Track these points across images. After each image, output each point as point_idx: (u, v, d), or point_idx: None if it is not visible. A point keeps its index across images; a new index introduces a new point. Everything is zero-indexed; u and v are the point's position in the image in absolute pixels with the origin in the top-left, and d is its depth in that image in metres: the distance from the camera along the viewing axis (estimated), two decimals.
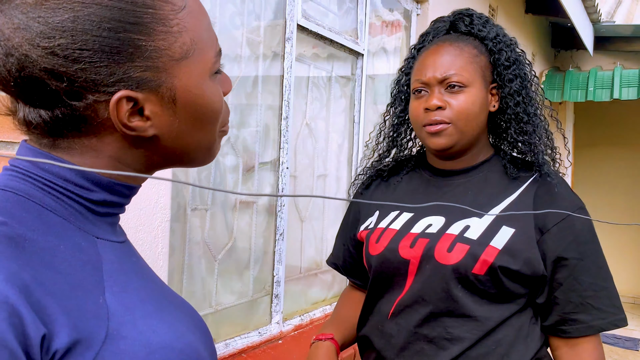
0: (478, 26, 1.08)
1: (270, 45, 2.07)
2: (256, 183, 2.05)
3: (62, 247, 0.47)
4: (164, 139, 0.53)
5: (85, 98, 0.48)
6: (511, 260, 0.97)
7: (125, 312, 0.48)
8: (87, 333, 0.44)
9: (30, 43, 0.46)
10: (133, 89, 0.49)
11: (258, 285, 2.09)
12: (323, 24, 2.31)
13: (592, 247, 1.01)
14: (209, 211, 1.86)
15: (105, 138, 0.51)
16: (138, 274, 0.55)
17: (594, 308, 0.98)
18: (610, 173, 6.95)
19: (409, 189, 1.14)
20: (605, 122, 6.91)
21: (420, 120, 1.05)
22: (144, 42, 0.49)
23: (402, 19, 3.03)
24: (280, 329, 2.14)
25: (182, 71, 0.52)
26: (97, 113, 0.49)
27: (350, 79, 2.65)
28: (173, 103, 0.52)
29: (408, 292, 1.03)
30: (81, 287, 0.46)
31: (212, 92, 0.55)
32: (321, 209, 2.53)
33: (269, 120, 2.09)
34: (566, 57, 6.13)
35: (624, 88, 5.05)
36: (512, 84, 1.05)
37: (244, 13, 1.95)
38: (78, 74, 0.47)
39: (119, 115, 0.49)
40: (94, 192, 0.52)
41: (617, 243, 6.90)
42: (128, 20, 0.48)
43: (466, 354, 0.98)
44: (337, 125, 2.60)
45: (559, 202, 1.01)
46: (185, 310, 0.58)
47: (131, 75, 0.49)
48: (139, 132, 0.51)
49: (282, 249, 2.15)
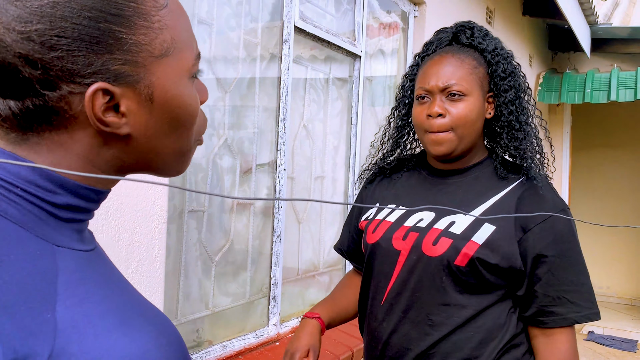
0: (478, 39, 1.17)
1: (267, 47, 2.07)
2: (253, 185, 2.05)
3: (13, 256, 0.43)
4: (138, 139, 0.51)
5: (60, 88, 0.46)
6: (490, 254, 1.05)
7: (78, 327, 0.44)
8: (26, 352, 0.40)
9: (5, 27, 0.44)
10: (110, 82, 0.47)
11: (255, 287, 2.09)
12: (320, 25, 2.31)
13: (571, 246, 1.09)
14: (206, 213, 1.85)
15: (76, 134, 0.49)
16: (104, 284, 0.50)
17: (570, 302, 1.07)
18: (607, 175, 6.96)
19: (407, 185, 1.24)
20: (603, 124, 6.93)
21: (423, 125, 1.14)
22: (124, 34, 0.47)
23: (399, 20, 3.03)
24: (277, 331, 2.14)
25: (161, 69, 0.51)
26: (71, 105, 0.47)
27: (348, 80, 2.65)
28: (150, 101, 0.50)
29: (397, 280, 1.14)
30: (26, 302, 0.42)
31: (189, 94, 0.54)
32: (318, 211, 2.53)
33: (266, 122, 2.08)
34: (563, 59, 6.15)
35: (621, 90, 5.06)
36: (507, 94, 1.15)
37: (241, 15, 1.95)
38: (54, 62, 0.45)
39: (94, 108, 0.47)
40: (58, 194, 0.49)
41: (612, 245, 6.91)
42: (109, 10, 0.46)
43: (447, 338, 1.08)
44: (335, 127, 2.60)
45: (543, 204, 1.09)
46: (156, 324, 0.53)
47: (109, 68, 0.47)
48: (113, 128, 0.49)
49: (279, 250, 2.14)
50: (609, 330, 5.71)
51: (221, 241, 1.92)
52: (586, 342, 5.44)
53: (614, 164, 6.92)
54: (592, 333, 5.67)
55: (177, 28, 0.52)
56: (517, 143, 1.15)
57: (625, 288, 6.93)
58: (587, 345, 5.31)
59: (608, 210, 6.83)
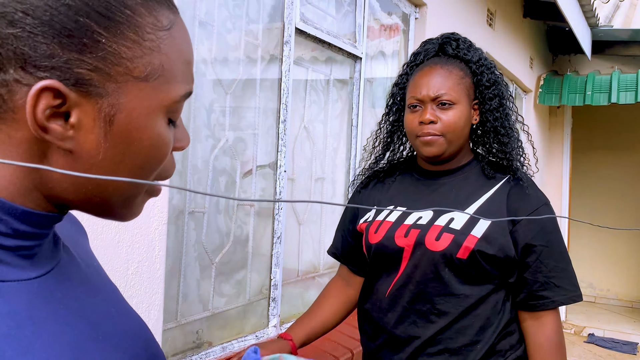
0: (463, 50, 1.27)
1: (268, 48, 2.07)
2: (254, 186, 2.05)
3: None
4: (81, 161, 0.43)
5: (6, 72, 0.39)
6: (488, 246, 1.16)
7: None
8: None
9: None
10: (67, 85, 0.40)
11: (255, 289, 2.09)
12: (321, 27, 2.31)
13: (555, 236, 1.22)
14: (206, 214, 1.85)
15: (15, 134, 0.41)
16: (59, 312, 0.43)
17: (556, 286, 1.19)
18: (607, 177, 6.96)
19: (401, 187, 1.33)
20: (603, 127, 6.92)
21: (415, 131, 1.24)
22: (104, 39, 0.41)
23: (400, 22, 3.03)
24: (277, 333, 2.14)
25: (135, 93, 0.43)
26: (13, 96, 0.40)
27: (348, 82, 2.66)
28: (109, 123, 0.43)
29: (402, 274, 1.23)
30: None
31: (159, 134, 0.46)
32: (319, 212, 2.53)
33: (266, 123, 2.08)
34: (564, 61, 6.15)
35: (621, 92, 5.06)
36: (491, 102, 1.25)
37: (242, 16, 1.95)
38: (9, 40, 0.38)
39: (36, 107, 0.39)
40: (3, 221, 0.42)
41: (613, 248, 6.90)
42: (96, 8, 0.40)
43: (451, 326, 1.18)
44: (335, 129, 2.60)
45: (529, 199, 1.22)
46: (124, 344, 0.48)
47: (72, 68, 0.40)
48: (54, 138, 0.41)
49: (279, 252, 2.14)
50: (610, 332, 5.70)
51: (221, 242, 1.92)
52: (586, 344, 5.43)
53: (614, 166, 6.92)
54: (593, 335, 5.66)
55: (171, 57, 0.46)
56: (502, 146, 1.26)
57: (626, 290, 6.92)
58: (588, 348, 5.30)
59: (608, 212, 6.82)
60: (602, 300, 7.05)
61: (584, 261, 6.95)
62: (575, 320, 6.10)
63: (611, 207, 6.86)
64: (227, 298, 1.96)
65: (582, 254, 6.93)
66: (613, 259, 6.94)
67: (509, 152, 1.26)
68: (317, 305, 1.40)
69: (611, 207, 6.85)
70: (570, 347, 5.26)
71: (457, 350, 1.18)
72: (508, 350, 1.21)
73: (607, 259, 6.97)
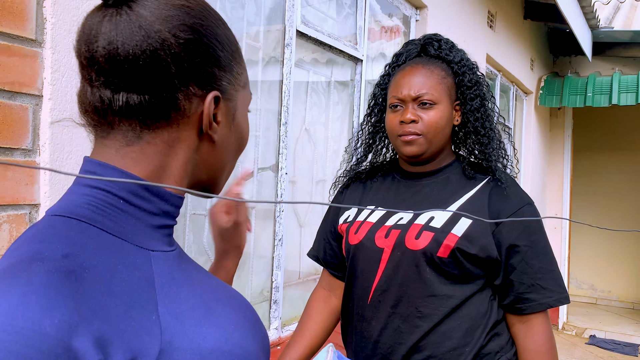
0: (445, 51, 1.27)
1: (269, 50, 2.07)
2: (255, 188, 2.05)
3: (120, 267, 0.50)
4: (218, 148, 0.61)
5: (189, 87, 0.56)
6: (469, 245, 1.14)
7: (176, 324, 0.51)
8: (142, 350, 0.47)
9: (170, 31, 0.55)
10: (222, 93, 0.59)
11: (256, 291, 2.09)
12: (322, 29, 2.31)
13: (539, 237, 1.19)
14: (207, 217, 1.85)
15: (184, 133, 0.58)
16: (187, 280, 0.57)
17: (543, 288, 1.17)
18: (608, 178, 6.95)
19: (383, 188, 1.32)
20: (604, 128, 6.92)
21: (396, 130, 1.23)
22: (235, 63, 0.61)
23: (401, 24, 3.03)
24: (279, 335, 2.14)
25: (242, 96, 0.64)
26: (191, 104, 0.57)
27: (349, 84, 2.66)
28: (232, 118, 0.62)
29: (382, 276, 1.20)
30: (136, 307, 0.49)
31: (247, 125, 0.67)
32: (320, 214, 2.53)
33: (268, 125, 2.09)
34: (565, 63, 6.15)
35: (622, 93, 5.06)
36: (473, 102, 1.25)
37: (244, 19, 1.95)
38: (194, 66, 0.56)
39: (211, 109, 0.58)
40: (153, 202, 0.57)
41: (614, 250, 6.90)
42: (230, 44, 0.61)
43: (436, 329, 1.15)
44: (336, 131, 2.60)
45: (511, 199, 1.20)
46: (235, 306, 0.61)
47: (222, 83, 0.59)
48: (213, 131, 0.59)
49: (280, 254, 2.14)
50: (611, 334, 5.70)
51: None
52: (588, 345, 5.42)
53: (615, 168, 6.91)
54: (594, 337, 5.66)
55: (246, 74, 0.66)
56: (483, 147, 1.26)
57: (627, 292, 6.91)
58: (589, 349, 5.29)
59: (609, 214, 6.82)
60: (604, 302, 7.04)
61: (585, 263, 6.95)
62: (577, 321, 6.09)
63: (612, 208, 6.85)
64: None
65: (583, 256, 6.93)
66: (614, 260, 6.93)
67: (489, 152, 1.25)
68: (302, 328, 1.38)
69: (612, 209, 6.85)
70: (572, 349, 5.26)
71: (444, 355, 1.14)
72: (498, 352, 1.18)
73: (608, 260, 6.96)
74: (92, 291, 0.46)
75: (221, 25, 0.61)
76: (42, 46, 1.13)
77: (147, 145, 0.56)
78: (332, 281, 1.42)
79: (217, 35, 0.59)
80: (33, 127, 1.12)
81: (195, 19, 0.57)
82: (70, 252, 0.48)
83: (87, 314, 0.44)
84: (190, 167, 0.60)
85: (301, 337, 1.36)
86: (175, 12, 0.56)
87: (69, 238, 0.50)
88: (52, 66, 1.13)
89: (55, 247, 0.48)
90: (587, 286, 7.10)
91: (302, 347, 1.34)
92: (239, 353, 0.56)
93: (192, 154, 0.59)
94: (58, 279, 0.45)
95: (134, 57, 0.53)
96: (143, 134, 0.56)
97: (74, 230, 0.51)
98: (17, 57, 1.08)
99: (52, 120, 1.13)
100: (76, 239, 0.50)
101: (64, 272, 0.45)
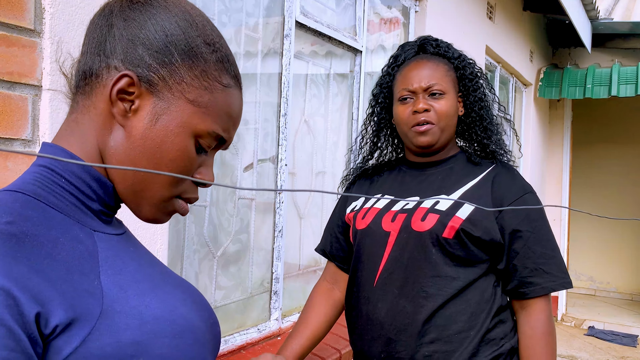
0: (443, 48, 1.33)
1: (268, 42, 2.07)
2: (255, 180, 2.05)
3: (62, 239, 0.54)
4: (127, 141, 0.59)
5: (112, 59, 0.59)
6: (473, 228, 1.18)
7: (119, 291, 0.55)
8: (83, 310, 0.51)
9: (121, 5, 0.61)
10: (141, 80, 0.58)
11: (257, 282, 2.10)
12: (321, 20, 2.31)
13: (541, 223, 1.24)
14: (208, 208, 1.86)
15: (99, 103, 0.60)
16: (135, 259, 0.61)
17: (546, 273, 1.21)
18: (607, 170, 6.96)
19: (389, 180, 1.37)
20: (603, 120, 6.92)
21: (409, 121, 1.27)
22: (178, 65, 0.59)
23: (400, 16, 3.03)
24: (279, 326, 2.15)
25: (181, 107, 0.60)
26: (108, 76, 0.59)
27: (349, 76, 2.65)
28: (155, 120, 0.59)
29: (389, 259, 1.24)
30: (78, 272, 0.52)
31: (186, 148, 0.60)
32: (320, 206, 2.54)
33: (267, 117, 2.09)
34: (564, 55, 6.14)
35: (621, 85, 5.05)
36: (475, 93, 1.32)
37: (242, 10, 1.95)
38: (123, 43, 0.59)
39: (115, 85, 0.58)
40: (90, 187, 0.60)
41: (613, 241, 6.92)
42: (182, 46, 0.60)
43: (441, 311, 1.18)
44: (336, 123, 2.60)
45: (513, 187, 1.25)
46: (182, 288, 0.64)
47: (149, 72, 0.59)
48: (117, 111, 0.59)
49: (280, 245, 2.15)
50: (610, 325, 5.72)
51: (223, 236, 1.93)
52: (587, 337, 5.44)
53: (614, 159, 6.92)
54: (593, 328, 5.68)
55: (218, 104, 0.62)
56: (488, 134, 1.33)
57: (626, 283, 6.93)
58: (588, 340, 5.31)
59: (608, 205, 6.83)
60: (602, 293, 7.06)
61: (584, 254, 6.97)
62: (576, 313, 6.12)
63: (611, 199, 6.86)
64: (229, 291, 1.97)
65: (582, 247, 6.94)
66: (613, 252, 6.95)
67: (494, 140, 1.32)
68: (304, 318, 1.40)
69: (611, 200, 6.86)
70: (571, 340, 5.28)
71: (450, 338, 1.17)
72: (502, 338, 1.21)
73: (607, 252, 6.98)
74: (32, 254, 0.50)
75: (181, 25, 0.60)
76: (41, 36, 1.12)
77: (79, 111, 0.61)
78: (336, 274, 1.45)
79: (163, 28, 0.59)
80: (32, 117, 1.12)
81: (155, 11, 0.59)
82: (14, 220, 0.51)
83: (25, 271, 0.48)
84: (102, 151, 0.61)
85: (304, 327, 1.37)
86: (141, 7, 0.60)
87: (14, 209, 0.53)
88: (51, 56, 1.13)
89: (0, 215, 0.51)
90: (586, 278, 7.12)
91: (304, 338, 1.35)
92: (182, 323, 0.59)
93: (104, 135, 0.60)
94: (1, 239, 0.48)
95: (90, 22, 0.61)
96: (77, 98, 0.61)
97: (19, 202, 0.54)
98: (16, 47, 1.08)
99: (52, 111, 1.13)
100: (20, 210, 0.53)
101: (6, 234, 0.49)
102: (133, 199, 0.62)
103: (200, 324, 0.63)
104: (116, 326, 0.52)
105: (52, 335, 0.48)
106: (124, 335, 0.53)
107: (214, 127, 0.62)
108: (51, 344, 0.48)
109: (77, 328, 0.50)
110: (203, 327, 0.63)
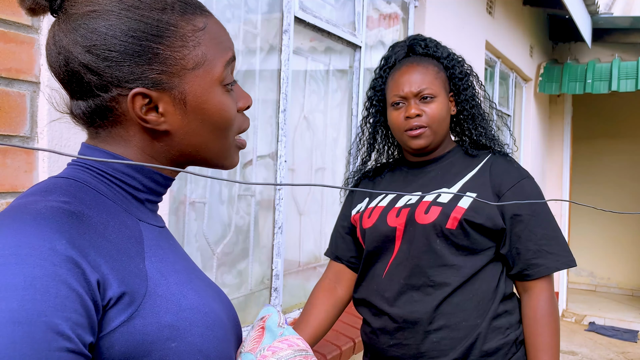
0: (432, 48, 1.35)
1: (267, 38, 2.06)
2: (254, 176, 2.05)
3: (112, 223, 0.58)
4: (177, 135, 0.63)
5: (111, 91, 0.59)
6: (476, 215, 1.22)
7: (161, 277, 0.59)
8: (132, 288, 0.55)
9: (73, 42, 0.58)
10: (148, 87, 0.59)
11: (256, 279, 2.10)
12: (320, 16, 2.30)
13: (541, 206, 1.27)
14: (207, 204, 1.85)
15: (130, 129, 0.62)
16: (173, 252, 0.65)
17: (549, 253, 1.23)
18: (607, 165, 6.95)
19: (391, 180, 1.41)
20: (603, 115, 6.91)
21: (402, 126, 1.31)
22: (162, 51, 0.60)
23: (399, 11, 3.02)
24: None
25: (192, 79, 0.62)
26: (120, 105, 0.60)
27: (348, 71, 2.65)
28: (184, 105, 0.62)
29: (398, 253, 1.28)
30: (126, 254, 0.56)
31: (220, 100, 0.65)
32: (320, 202, 2.53)
33: (266, 113, 2.08)
34: (564, 50, 6.12)
35: (622, 80, 5.04)
36: (466, 92, 1.35)
37: (241, 5, 1.94)
38: (106, 70, 0.58)
39: (135, 107, 0.60)
40: (136, 179, 0.64)
41: (613, 237, 6.92)
42: (151, 32, 0.59)
43: (448, 300, 1.22)
44: (335, 119, 2.59)
45: (511, 173, 1.29)
46: (211, 287, 0.69)
47: (148, 76, 0.59)
48: (153, 125, 0.61)
49: (280, 242, 2.15)
50: (610, 320, 5.72)
51: (223, 233, 1.93)
52: (587, 332, 5.45)
53: (614, 154, 6.91)
54: (593, 324, 5.69)
55: (210, 45, 0.64)
56: (481, 130, 1.37)
57: (627, 279, 6.93)
58: (588, 336, 5.32)
59: (609, 200, 6.83)
60: (603, 289, 7.07)
61: (584, 250, 6.96)
62: (576, 308, 6.12)
63: (611, 194, 6.86)
64: (229, 288, 1.97)
65: (582, 243, 6.94)
66: (613, 247, 6.95)
67: (487, 135, 1.36)
68: (306, 315, 1.41)
69: (611, 195, 6.86)
70: (571, 336, 5.28)
71: (457, 325, 1.21)
72: (507, 328, 1.24)
73: (607, 247, 6.98)
74: (89, 232, 0.54)
75: (132, 16, 0.59)
76: (39, 32, 1.12)
77: (107, 138, 0.63)
78: (340, 273, 1.47)
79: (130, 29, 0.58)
80: (31, 114, 1.11)
81: (101, 21, 0.58)
82: (70, 201, 0.55)
83: (85, 245, 0.52)
84: (152, 154, 0.64)
85: (305, 325, 1.39)
86: (79, 21, 0.59)
87: (69, 191, 0.57)
88: None
89: (58, 195, 0.56)
90: (587, 273, 7.12)
91: (305, 335, 1.36)
92: (214, 317, 0.63)
93: (148, 144, 0.63)
94: (62, 214, 0.53)
95: (58, 73, 0.61)
96: (98, 131, 0.64)
97: (73, 187, 0.59)
98: (14, 43, 1.07)
99: (50, 107, 1.13)
100: (75, 193, 0.58)
101: (66, 210, 0.53)
102: (213, 156, 0.67)
103: (227, 322, 0.66)
104: (158, 308, 0.56)
105: (107, 305, 0.52)
106: (164, 318, 0.56)
107: (221, 63, 0.65)
108: (106, 314, 0.52)
109: (126, 303, 0.53)
110: (229, 325, 0.66)
